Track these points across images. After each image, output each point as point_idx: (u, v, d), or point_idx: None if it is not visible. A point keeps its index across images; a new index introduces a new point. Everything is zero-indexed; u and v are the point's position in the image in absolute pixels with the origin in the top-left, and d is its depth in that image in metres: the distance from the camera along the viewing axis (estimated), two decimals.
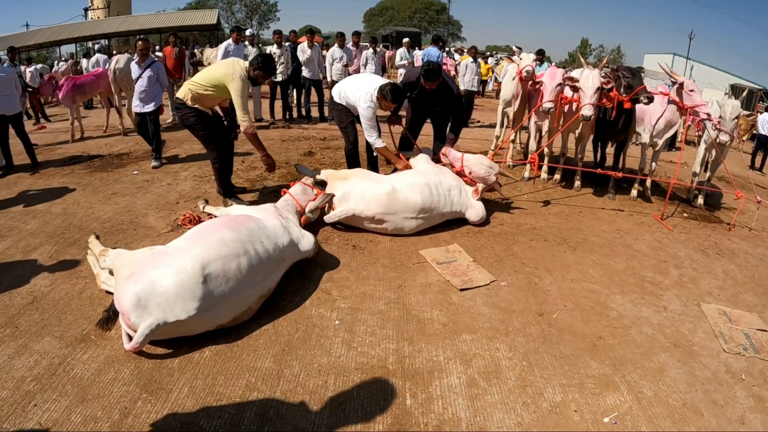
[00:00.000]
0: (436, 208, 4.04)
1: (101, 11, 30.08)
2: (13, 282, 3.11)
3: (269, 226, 3.03)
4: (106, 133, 7.93)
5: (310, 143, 7.30)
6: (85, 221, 4.11)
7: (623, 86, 4.93)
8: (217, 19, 27.95)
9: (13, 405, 2.10)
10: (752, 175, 8.00)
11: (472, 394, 2.33)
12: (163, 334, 2.44)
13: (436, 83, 4.69)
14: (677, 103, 5.00)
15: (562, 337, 2.84)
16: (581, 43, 58.70)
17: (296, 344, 2.61)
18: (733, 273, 3.97)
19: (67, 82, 7.49)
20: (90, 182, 5.21)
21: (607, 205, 5.33)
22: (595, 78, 4.89)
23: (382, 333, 2.74)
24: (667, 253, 4.21)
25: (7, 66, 5.72)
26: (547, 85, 5.33)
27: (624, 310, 3.21)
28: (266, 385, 2.30)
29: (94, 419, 2.05)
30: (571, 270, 3.70)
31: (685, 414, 2.34)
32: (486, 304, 3.12)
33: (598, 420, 2.25)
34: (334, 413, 2.15)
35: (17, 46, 12.66)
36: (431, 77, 4.60)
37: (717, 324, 3.14)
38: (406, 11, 50.53)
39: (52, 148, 6.88)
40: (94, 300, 2.93)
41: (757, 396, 2.51)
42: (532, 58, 5.82)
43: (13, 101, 5.72)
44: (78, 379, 2.28)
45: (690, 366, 2.70)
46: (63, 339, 2.56)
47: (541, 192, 5.62)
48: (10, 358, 2.39)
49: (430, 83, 4.66)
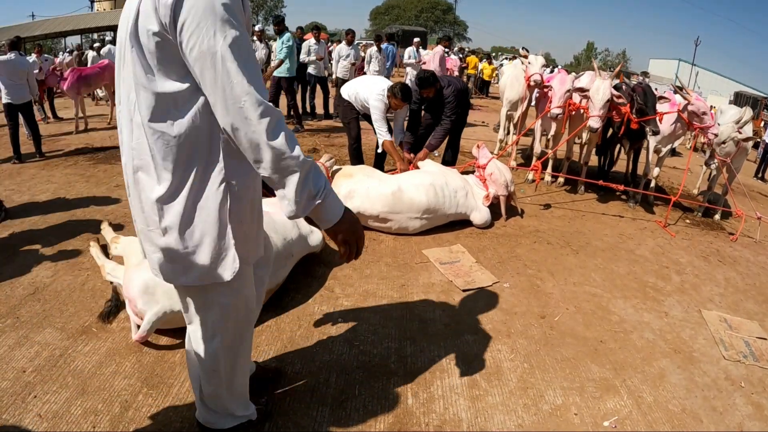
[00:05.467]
0: (440, 209, 4.04)
1: (107, 3, 30.09)
2: (15, 272, 3.11)
3: (278, 221, 3.02)
4: (110, 124, 7.94)
5: (314, 140, 7.30)
6: (88, 213, 4.11)
7: (635, 109, 4.87)
8: None
9: (13, 396, 2.10)
10: (755, 185, 8.00)
11: (473, 394, 2.33)
12: (170, 322, 2.44)
13: (432, 90, 4.70)
14: (686, 122, 4.94)
15: (564, 340, 2.84)
16: (587, 47, 58.75)
17: (298, 341, 2.61)
18: (734, 280, 3.97)
19: (72, 73, 7.50)
20: (94, 174, 5.22)
21: (610, 210, 5.32)
22: (605, 90, 4.78)
23: (384, 332, 2.74)
24: (669, 259, 4.20)
25: (17, 55, 5.71)
26: (557, 91, 5.28)
27: (625, 314, 3.21)
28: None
29: (95, 412, 2.05)
30: (574, 273, 3.70)
31: (685, 420, 2.34)
32: (488, 305, 3.12)
33: (598, 424, 2.24)
34: (336, 411, 2.15)
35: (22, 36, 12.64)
36: (424, 85, 4.65)
37: (717, 331, 3.14)
38: (412, 10, 50.51)
39: (56, 139, 6.89)
40: (96, 292, 2.93)
41: (755, 404, 2.51)
42: (541, 63, 5.69)
43: (23, 91, 5.75)
44: (79, 372, 2.27)
45: (690, 372, 2.70)
46: (64, 330, 2.56)
47: (544, 195, 5.62)
48: (10, 349, 2.39)
49: (426, 91, 4.70)
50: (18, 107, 5.73)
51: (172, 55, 1.26)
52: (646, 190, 5.58)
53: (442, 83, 4.81)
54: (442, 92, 4.79)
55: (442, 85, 4.80)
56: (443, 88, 4.79)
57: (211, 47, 1.21)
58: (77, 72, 7.58)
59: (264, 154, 1.27)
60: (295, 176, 1.31)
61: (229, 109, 1.24)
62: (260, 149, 1.27)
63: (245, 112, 1.24)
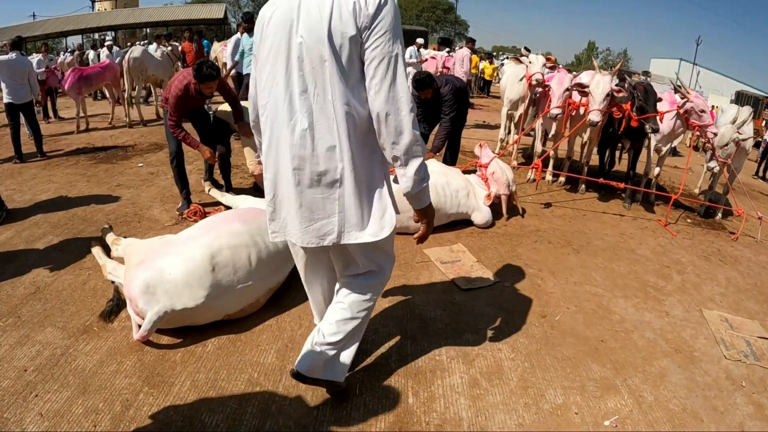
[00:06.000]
0: (441, 209, 4.03)
1: (108, 3, 30.14)
2: (16, 272, 3.11)
3: None
4: (111, 124, 7.94)
5: None
6: (89, 212, 4.12)
7: (635, 107, 4.87)
8: (224, 14, 27.94)
9: (14, 395, 2.10)
10: (756, 184, 7.99)
11: (474, 394, 2.33)
12: (170, 322, 2.45)
13: (430, 91, 4.69)
14: (686, 120, 4.94)
15: (565, 339, 2.84)
16: (588, 46, 58.66)
17: (299, 340, 2.60)
18: (735, 280, 3.96)
19: (73, 73, 7.50)
20: (95, 173, 5.22)
21: (611, 209, 5.32)
22: (605, 84, 4.80)
23: (385, 331, 2.74)
24: (670, 259, 4.20)
25: (18, 55, 5.72)
26: (555, 91, 5.28)
27: (626, 314, 3.20)
28: (269, 381, 2.30)
29: (96, 411, 2.05)
30: (575, 273, 3.70)
31: (685, 419, 2.33)
32: (489, 304, 3.12)
33: (598, 423, 2.24)
34: (336, 410, 2.15)
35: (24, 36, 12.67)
36: (421, 87, 4.65)
37: (718, 330, 3.13)
38: (414, 10, 50.41)
39: (57, 138, 6.90)
40: (97, 291, 2.94)
41: (756, 403, 2.50)
42: (542, 62, 5.68)
43: (24, 90, 5.75)
44: (80, 371, 2.28)
45: (691, 372, 2.70)
46: (65, 330, 2.57)
47: (545, 194, 5.61)
48: (11, 348, 2.39)
49: (423, 92, 4.69)
50: (19, 107, 5.74)
51: (354, 54, 1.64)
52: (647, 188, 5.57)
53: (439, 83, 4.81)
54: (439, 92, 4.78)
55: (439, 85, 4.80)
56: (440, 87, 4.79)
57: (391, 51, 1.62)
58: (78, 72, 7.58)
59: (404, 138, 1.66)
60: (418, 160, 1.70)
61: (390, 99, 1.62)
62: (402, 134, 1.66)
63: (400, 104, 1.63)
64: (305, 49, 1.65)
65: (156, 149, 6.44)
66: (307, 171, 1.74)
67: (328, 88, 1.66)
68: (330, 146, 1.70)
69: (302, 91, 1.69)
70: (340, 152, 1.70)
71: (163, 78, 8.36)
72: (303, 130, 1.70)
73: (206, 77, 3.60)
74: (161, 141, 6.87)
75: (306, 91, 1.68)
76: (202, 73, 3.58)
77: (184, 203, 4.18)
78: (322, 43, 1.61)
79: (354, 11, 1.58)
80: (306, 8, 1.64)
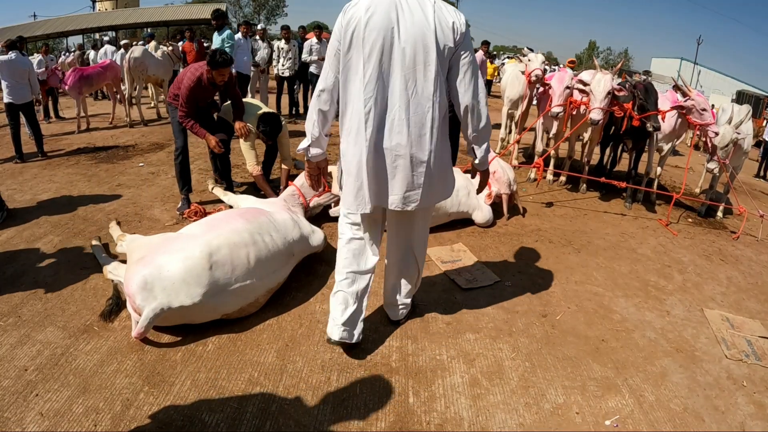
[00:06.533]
0: (441, 208, 4.02)
1: (109, 3, 30.14)
2: (17, 271, 3.11)
3: (279, 220, 3.03)
4: (112, 124, 7.95)
5: None
6: (90, 212, 4.12)
7: (636, 106, 4.86)
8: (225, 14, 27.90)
9: (14, 394, 2.10)
10: (757, 183, 7.97)
11: (474, 393, 2.33)
12: (168, 320, 2.44)
13: None
14: (687, 119, 4.93)
15: (565, 338, 2.84)
16: (589, 46, 58.61)
17: (300, 340, 2.61)
18: (736, 279, 3.95)
19: (73, 73, 7.51)
20: (95, 173, 5.23)
21: (612, 209, 5.31)
22: (606, 82, 4.80)
23: (386, 330, 2.74)
24: (671, 258, 4.19)
25: (18, 55, 5.72)
26: (556, 89, 5.28)
27: (627, 313, 3.20)
28: (269, 380, 2.30)
29: (96, 410, 2.05)
30: (575, 272, 3.69)
31: (686, 419, 2.33)
32: (490, 304, 3.11)
33: (599, 423, 2.24)
34: (337, 409, 2.15)
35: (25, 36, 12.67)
36: None
37: (719, 330, 3.13)
38: None
39: (57, 138, 6.90)
40: (97, 291, 2.94)
41: (758, 403, 2.50)
42: (541, 60, 5.71)
43: (24, 90, 5.75)
44: (80, 370, 2.28)
45: (692, 371, 2.69)
46: (66, 329, 2.57)
47: (546, 193, 5.61)
48: (12, 348, 2.39)
49: None
50: (19, 107, 5.74)
51: (447, 61, 2.13)
52: (649, 188, 5.56)
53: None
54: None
55: None
56: None
57: (473, 59, 2.18)
58: (79, 72, 7.58)
59: (483, 124, 2.27)
60: (488, 140, 2.36)
61: (475, 95, 2.19)
62: (482, 121, 2.26)
63: (480, 98, 2.21)
64: (410, 53, 2.06)
65: (157, 149, 6.44)
66: (403, 152, 2.16)
67: (425, 86, 2.10)
68: (422, 133, 2.16)
69: (403, 88, 2.09)
70: (429, 138, 2.17)
71: (164, 78, 8.37)
72: (401, 119, 2.12)
73: (219, 63, 3.79)
74: (162, 141, 6.87)
75: (407, 88, 2.10)
76: (215, 59, 3.77)
77: (184, 203, 4.18)
78: (428, 50, 2.05)
79: (453, 29, 2.08)
80: (408, 18, 2.05)
